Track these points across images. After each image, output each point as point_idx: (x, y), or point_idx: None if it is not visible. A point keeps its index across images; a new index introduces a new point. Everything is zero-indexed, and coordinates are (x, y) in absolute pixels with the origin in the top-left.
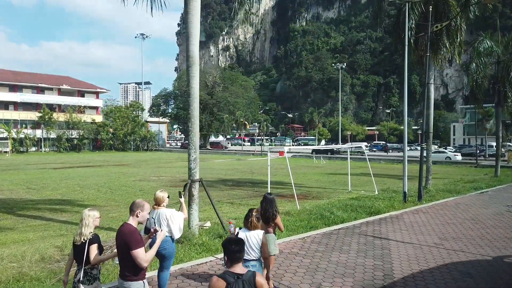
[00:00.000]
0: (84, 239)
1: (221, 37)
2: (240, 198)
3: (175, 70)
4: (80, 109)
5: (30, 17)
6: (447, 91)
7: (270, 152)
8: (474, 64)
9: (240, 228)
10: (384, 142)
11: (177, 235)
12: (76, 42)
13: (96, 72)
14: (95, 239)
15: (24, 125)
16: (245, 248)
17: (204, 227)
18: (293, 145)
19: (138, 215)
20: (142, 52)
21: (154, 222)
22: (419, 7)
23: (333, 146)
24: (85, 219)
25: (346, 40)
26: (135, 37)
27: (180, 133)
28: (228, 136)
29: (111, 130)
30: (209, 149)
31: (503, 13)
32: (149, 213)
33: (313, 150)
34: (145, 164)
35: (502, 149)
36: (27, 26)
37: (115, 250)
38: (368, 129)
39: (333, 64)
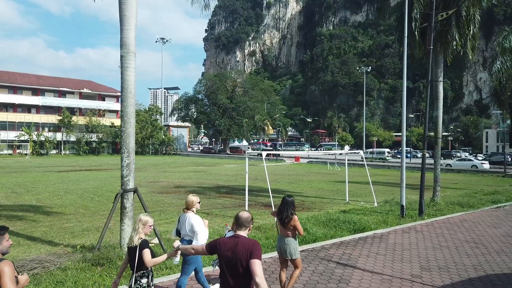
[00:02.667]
0: (133, 244)
1: (247, 42)
2: (222, 208)
3: (201, 76)
4: (100, 113)
5: (66, 25)
6: (481, 96)
7: (285, 158)
8: (498, 62)
9: (229, 231)
10: (411, 148)
11: (202, 241)
12: (111, 48)
13: None
14: (144, 244)
15: (45, 128)
16: None
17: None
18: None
19: (250, 229)
20: (162, 56)
21: (179, 225)
22: None
23: (333, 152)
24: (137, 224)
25: (374, 44)
26: (155, 41)
27: (204, 137)
28: (251, 141)
29: None
30: (229, 154)
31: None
32: (180, 216)
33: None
34: (154, 168)
35: None
36: (64, 34)
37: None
38: (396, 135)
39: (357, 68)
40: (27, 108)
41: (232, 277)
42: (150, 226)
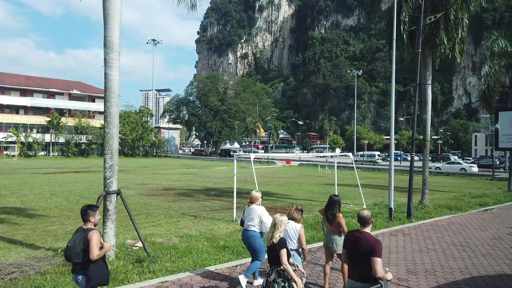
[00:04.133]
0: (273, 242)
1: (239, 45)
2: (209, 211)
3: (193, 78)
4: (90, 114)
5: (57, 25)
6: (470, 100)
7: (276, 160)
8: (486, 66)
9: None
10: (401, 151)
11: (266, 230)
12: (102, 50)
13: (122, 79)
14: (282, 243)
15: (33, 130)
16: (285, 237)
17: (134, 248)
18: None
19: (372, 223)
20: (153, 57)
21: (245, 216)
22: None
23: (317, 154)
24: (278, 224)
25: (365, 47)
26: (147, 42)
27: (196, 139)
28: (243, 143)
29: (120, 135)
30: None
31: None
32: (244, 209)
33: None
34: (143, 170)
35: None
36: (55, 35)
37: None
38: (386, 138)
39: (348, 71)
40: (15, 109)
41: (355, 265)
42: (286, 223)
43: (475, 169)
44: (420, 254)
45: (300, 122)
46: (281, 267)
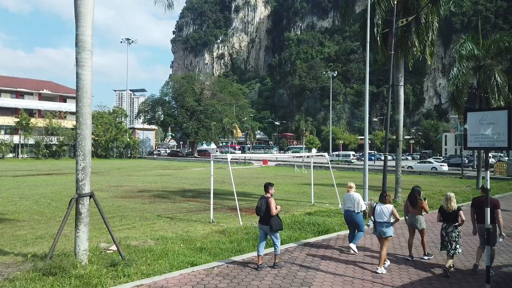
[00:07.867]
0: (454, 208)
1: (216, 45)
2: (186, 213)
3: (169, 77)
4: (61, 115)
5: (25, 24)
6: (440, 101)
7: (253, 161)
8: (455, 68)
9: (376, 203)
10: (375, 151)
11: (358, 209)
12: (73, 49)
13: (95, 79)
14: (460, 208)
15: (0, 131)
16: (381, 214)
17: (108, 251)
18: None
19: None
20: (127, 57)
21: (348, 201)
22: (385, 2)
23: (300, 155)
24: (452, 197)
25: (340, 49)
26: (121, 42)
27: (172, 140)
28: (220, 144)
29: (92, 136)
30: (197, 157)
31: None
32: (344, 196)
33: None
34: (117, 172)
35: (492, 159)
36: (23, 33)
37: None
38: (360, 138)
39: (324, 73)
40: None
41: (483, 217)
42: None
43: (445, 168)
44: (394, 251)
45: (276, 123)
46: (456, 224)
